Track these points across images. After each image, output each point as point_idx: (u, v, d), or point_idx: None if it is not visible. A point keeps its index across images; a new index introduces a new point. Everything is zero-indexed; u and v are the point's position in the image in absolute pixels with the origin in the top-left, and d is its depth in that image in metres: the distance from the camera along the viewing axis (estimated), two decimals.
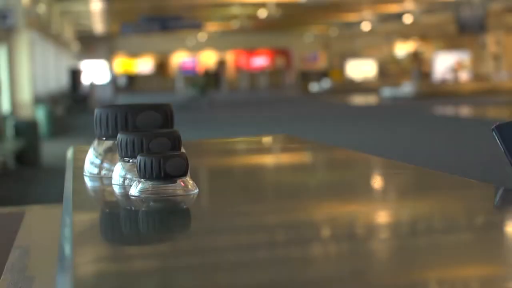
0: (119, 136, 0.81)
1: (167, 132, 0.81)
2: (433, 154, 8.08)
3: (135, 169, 0.76)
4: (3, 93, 11.50)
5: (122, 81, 35.88)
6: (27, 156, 9.24)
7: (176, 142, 0.80)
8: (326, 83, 30.75)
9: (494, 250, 0.56)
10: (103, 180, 0.86)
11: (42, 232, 1.34)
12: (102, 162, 0.88)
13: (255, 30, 33.79)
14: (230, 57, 38.34)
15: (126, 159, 0.80)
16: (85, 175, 0.89)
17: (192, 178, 0.77)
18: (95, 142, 0.89)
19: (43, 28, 17.20)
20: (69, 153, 1.13)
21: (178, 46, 36.78)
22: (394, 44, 37.38)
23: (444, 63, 30.50)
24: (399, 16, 26.36)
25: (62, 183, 0.89)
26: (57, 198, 1.05)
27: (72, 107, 19.31)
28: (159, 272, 0.52)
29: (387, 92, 22.80)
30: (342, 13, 26.20)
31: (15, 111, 11.64)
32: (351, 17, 27.83)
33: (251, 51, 38.08)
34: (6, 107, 11.50)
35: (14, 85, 12.43)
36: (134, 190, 0.75)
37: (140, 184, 0.75)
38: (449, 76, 27.74)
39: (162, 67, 38.01)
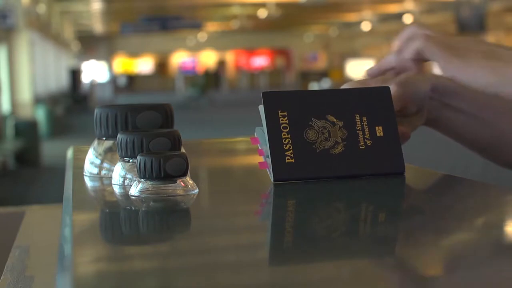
0: (119, 136, 0.81)
1: (167, 132, 0.81)
2: (433, 154, 8.08)
3: (135, 169, 0.76)
4: (3, 93, 11.50)
5: (122, 81, 35.88)
6: (27, 156, 9.24)
7: (176, 142, 0.80)
8: (326, 83, 30.76)
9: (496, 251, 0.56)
10: (103, 180, 0.86)
11: (42, 232, 1.34)
12: (102, 162, 0.88)
13: (255, 30, 33.79)
14: (230, 57, 38.35)
15: (126, 159, 0.80)
16: (85, 175, 0.88)
17: (192, 178, 0.77)
18: (95, 142, 0.89)
19: (43, 28, 17.21)
20: (69, 153, 1.13)
21: (178, 46, 36.79)
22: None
23: None
24: (399, 16, 26.37)
25: (62, 183, 0.89)
26: (57, 198, 1.05)
27: (72, 107, 19.31)
28: (159, 272, 0.52)
29: None
30: (342, 13, 26.21)
31: (15, 111, 11.64)
32: (351, 17, 27.84)
33: (251, 51, 38.09)
34: (6, 107, 11.50)
35: (14, 85, 12.44)
36: (134, 190, 0.75)
37: (140, 184, 0.75)
38: None
39: (162, 67, 38.01)
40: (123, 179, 0.80)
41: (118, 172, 0.81)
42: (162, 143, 0.79)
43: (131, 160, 0.80)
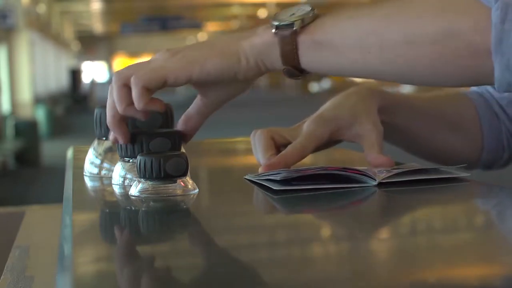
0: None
1: (167, 132, 0.81)
2: None
3: (135, 169, 0.76)
4: (3, 93, 11.50)
5: None
6: (27, 156, 9.23)
7: (176, 142, 0.80)
8: (326, 83, 30.76)
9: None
10: (103, 180, 0.86)
11: (42, 232, 1.34)
12: (102, 162, 0.88)
13: None
14: None
15: (126, 159, 0.80)
16: (85, 175, 0.88)
17: (192, 178, 0.77)
18: (95, 142, 0.89)
19: (43, 28, 17.20)
20: (69, 153, 1.13)
21: (178, 46, 36.71)
22: None
23: None
24: None
25: (62, 183, 0.89)
26: (57, 198, 1.05)
27: (72, 107, 19.30)
28: (159, 272, 0.52)
29: None
30: None
31: (15, 111, 11.63)
32: None
33: None
34: (6, 107, 11.50)
35: (14, 85, 12.43)
36: (134, 190, 0.75)
37: (140, 184, 0.75)
38: None
39: None
40: (123, 179, 0.80)
41: (118, 172, 0.81)
42: (162, 143, 0.79)
43: (131, 160, 0.80)
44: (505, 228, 0.64)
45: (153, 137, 0.79)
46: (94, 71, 30.47)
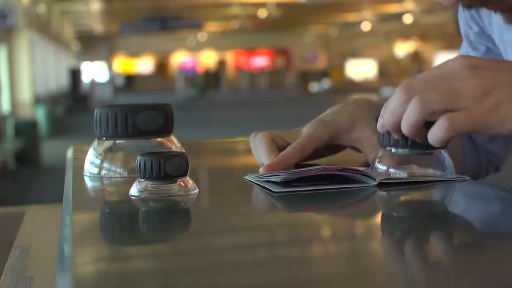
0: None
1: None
2: None
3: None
4: (3, 93, 11.50)
5: (122, 81, 35.88)
6: (27, 156, 9.24)
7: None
8: (326, 83, 30.78)
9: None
10: (103, 180, 0.87)
11: (42, 232, 1.34)
12: (102, 162, 0.88)
13: (255, 30, 33.80)
14: (230, 57, 38.35)
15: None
16: (85, 175, 0.89)
17: (192, 178, 0.77)
18: (95, 142, 0.89)
19: (43, 28, 17.20)
20: (69, 153, 1.13)
21: (178, 46, 36.80)
22: (394, 44, 37.41)
23: None
24: (399, 16, 26.39)
25: (62, 183, 0.89)
26: (57, 198, 1.05)
27: (72, 107, 19.30)
28: (159, 272, 0.52)
29: (387, 92, 22.83)
30: (342, 13, 26.22)
31: (15, 111, 11.64)
32: (351, 17, 27.84)
33: (251, 51, 38.09)
34: (6, 107, 11.50)
35: (14, 85, 12.43)
36: (134, 190, 0.75)
37: (140, 184, 0.75)
38: None
39: (162, 67, 38.00)
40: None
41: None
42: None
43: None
44: (505, 228, 0.64)
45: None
46: (94, 71, 30.47)
